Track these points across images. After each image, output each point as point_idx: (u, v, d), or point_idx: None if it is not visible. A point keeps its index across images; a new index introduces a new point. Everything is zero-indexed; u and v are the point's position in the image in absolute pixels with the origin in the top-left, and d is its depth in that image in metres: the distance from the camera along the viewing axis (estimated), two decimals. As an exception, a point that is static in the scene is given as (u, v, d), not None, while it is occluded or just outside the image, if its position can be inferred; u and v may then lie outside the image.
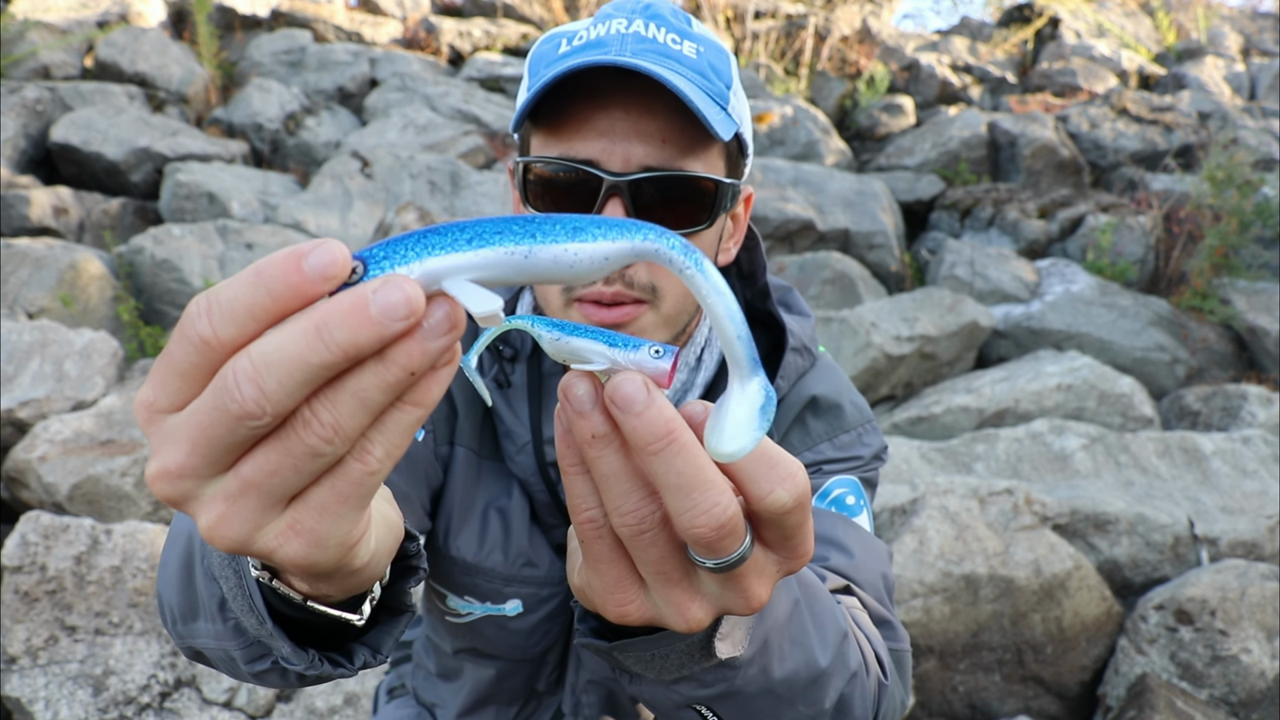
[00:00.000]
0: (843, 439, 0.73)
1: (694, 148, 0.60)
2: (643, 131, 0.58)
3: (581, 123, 0.59)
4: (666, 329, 0.64)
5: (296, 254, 0.25)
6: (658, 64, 0.57)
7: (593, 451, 0.31)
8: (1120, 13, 8.01)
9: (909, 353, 3.19)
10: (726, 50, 0.64)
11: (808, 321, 0.75)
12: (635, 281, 0.61)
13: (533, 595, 0.73)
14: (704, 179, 0.60)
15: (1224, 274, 3.90)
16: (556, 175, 0.60)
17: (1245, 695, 1.76)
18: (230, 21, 5.97)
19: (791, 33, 7.10)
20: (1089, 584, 1.92)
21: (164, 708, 1.51)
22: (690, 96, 0.56)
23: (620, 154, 0.59)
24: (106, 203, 3.93)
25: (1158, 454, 2.42)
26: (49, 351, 2.37)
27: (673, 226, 0.60)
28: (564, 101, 0.59)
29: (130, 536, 1.65)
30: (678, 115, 0.59)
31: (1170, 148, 5.31)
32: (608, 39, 0.59)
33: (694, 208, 0.61)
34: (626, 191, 0.58)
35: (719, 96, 0.61)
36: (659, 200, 0.60)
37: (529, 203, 0.63)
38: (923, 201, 4.95)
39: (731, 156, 0.65)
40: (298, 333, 0.24)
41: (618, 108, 0.58)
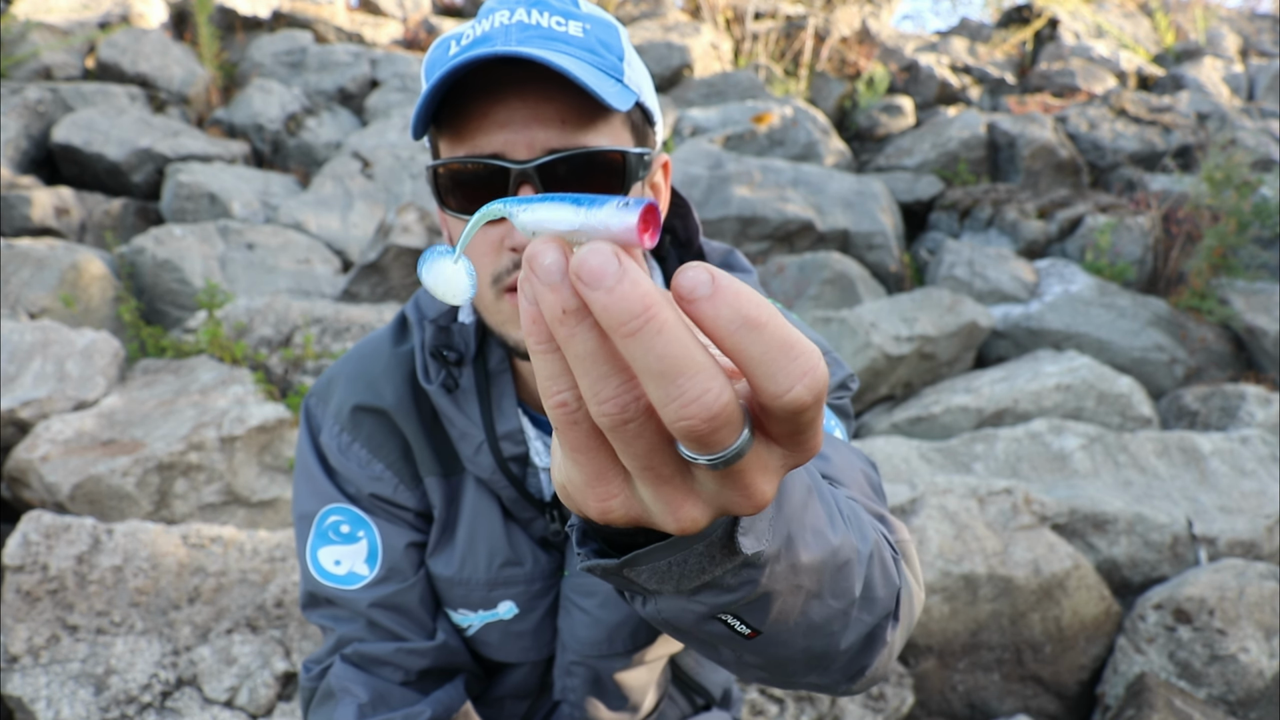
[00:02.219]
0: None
1: (594, 123, 0.60)
2: (541, 116, 0.59)
3: (481, 118, 0.60)
4: None
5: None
6: (543, 48, 0.58)
7: (563, 330, 0.27)
8: (1119, 14, 8.02)
9: (908, 353, 3.20)
10: (615, 24, 0.65)
11: (751, 277, 0.76)
12: None
13: (523, 593, 0.73)
14: (610, 152, 0.61)
15: (1222, 274, 3.91)
16: (465, 170, 0.61)
17: (1244, 694, 1.77)
18: (231, 22, 5.98)
19: (791, 33, 7.11)
20: (1088, 583, 1.92)
21: (165, 707, 1.52)
22: (578, 74, 0.56)
23: (523, 142, 0.59)
24: (108, 203, 3.93)
25: (1156, 454, 2.43)
26: (50, 351, 2.38)
27: None
28: (462, 101, 0.60)
29: (131, 536, 1.65)
30: (573, 95, 0.59)
31: (1169, 148, 5.31)
32: (492, 32, 0.60)
33: (605, 182, 0.61)
34: (535, 177, 0.59)
35: (612, 70, 0.61)
36: (569, 180, 0.60)
37: (443, 204, 0.64)
38: (922, 202, 4.96)
39: (637, 126, 0.65)
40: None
41: (514, 97, 0.59)
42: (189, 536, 1.68)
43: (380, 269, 3.19)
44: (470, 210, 0.62)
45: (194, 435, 2.06)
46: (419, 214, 3.22)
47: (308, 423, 0.79)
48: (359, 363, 0.78)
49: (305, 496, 0.77)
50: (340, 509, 0.75)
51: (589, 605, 0.73)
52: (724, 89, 5.99)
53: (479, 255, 0.63)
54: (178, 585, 1.63)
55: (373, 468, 0.75)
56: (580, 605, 0.73)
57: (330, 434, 0.76)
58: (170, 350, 2.62)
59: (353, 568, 0.74)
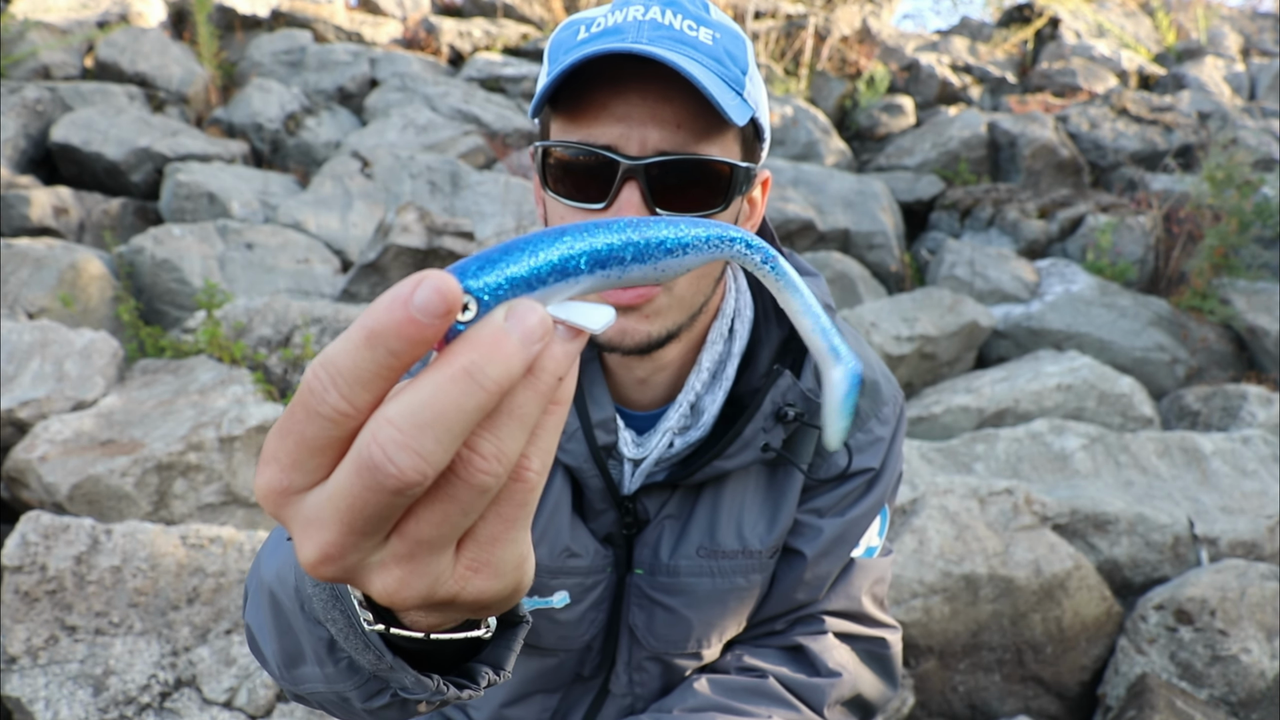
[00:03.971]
0: (885, 412, 0.77)
1: (709, 133, 0.61)
2: (659, 117, 0.60)
3: (600, 109, 0.60)
4: (680, 311, 0.66)
5: (401, 300, 0.23)
6: (674, 50, 0.58)
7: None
8: (1120, 13, 8.01)
9: (909, 353, 3.19)
10: (743, 36, 0.65)
11: (819, 280, 0.77)
12: None
13: (578, 585, 0.73)
14: (718, 163, 0.62)
15: (1224, 274, 3.90)
16: (575, 159, 0.62)
17: (1245, 695, 1.77)
18: (230, 22, 5.97)
19: (791, 33, 7.10)
20: (1089, 584, 1.92)
21: (164, 707, 1.51)
22: (704, 83, 0.57)
23: (637, 139, 0.60)
24: (107, 203, 3.93)
25: (1157, 454, 2.42)
26: (49, 351, 2.37)
27: (688, 209, 0.62)
28: (583, 88, 0.61)
29: (130, 536, 1.65)
30: (693, 101, 0.60)
31: (1170, 148, 5.31)
32: (625, 26, 0.60)
33: (709, 191, 0.62)
34: (642, 175, 0.60)
35: (734, 82, 0.62)
36: (674, 184, 0.61)
37: (548, 186, 0.64)
38: (922, 201, 4.95)
39: (747, 141, 0.66)
40: (446, 383, 0.23)
41: (634, 94, 0.60)
42: (188, 537, 1.68)
43: (380, 269, 3.18)
44: (573, 196, 0.62)
45: (193, 435, 2.05)
46: (418, 214, 3.22)
47: None
48: None
49: None
50: None
51: (675, 604, 0.74)
52: (724, 88, 5.97)
53: None
54: (177, 586, 1.62)
55: None
56: (664, 603, 0.74)
57: None
58: (169, 350, 2.62)
59: None
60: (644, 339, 0.65)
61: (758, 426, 0.69)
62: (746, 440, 0.69)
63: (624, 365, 0.71)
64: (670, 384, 0.73)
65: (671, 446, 0.72)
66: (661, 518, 0.73)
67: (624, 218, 0.29)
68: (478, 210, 4.08)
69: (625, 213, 0.60)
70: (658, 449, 0.71)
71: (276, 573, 0.47)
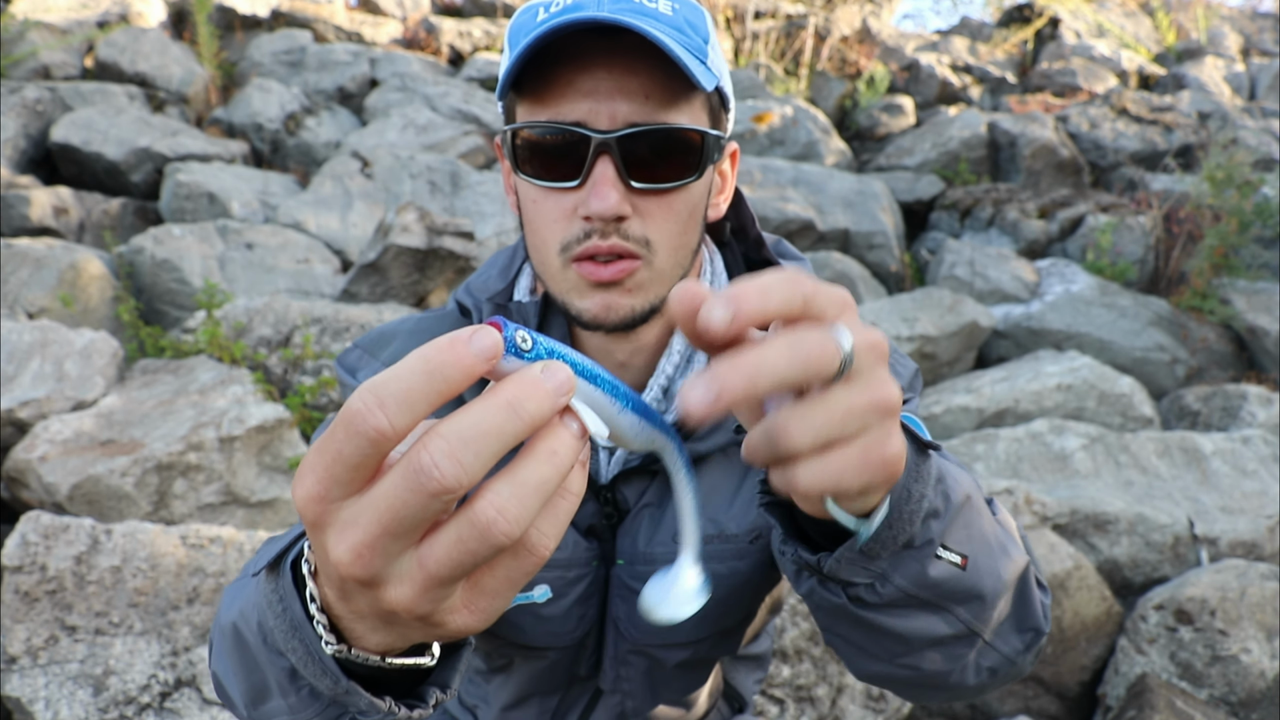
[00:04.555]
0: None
1: (677, 101, 0.61)
2: (626, 89, 0.59)
3: (566, 85, 0.60)
4: (661, 283, 0.65)
5: (461, 340, 0.28)
6: (636, 20, 0.58)
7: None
8: (1120, 13, 8.01)
9: (909, 353, 3.19)
10: (701, 7, 0.65)
11: (805, 264, 0.76)
12: (630, 234, 0.62)
13: (559, 578, 0.72)
14: (690, 130, 0.61)
15: (1224, 274, 3.90)
16: (544, 139, 0.61)
17: (1245, 695, 1.77)
18: (230, 22, 5.97)
19: (791, 33, 7.10)
20: (1089, 584, 1.92)
21: (164, 707, 1.51)
22: (670, 47, 0.56)
23: (606, 112, 0.59)
24: (107, 203, 3.93)
25: (1157, 454, 2.42)
26: (49, 351, 2.37)
27: (662, 179, 0.61)
28: (547, 66, 0.60)
29: (130, 536, 1.65)
30: (659, 70, 0.59)
31: (1170, 148, 5.31)
32: (583, 1, 0.60)
33: (682, 161, 0.62)
34: (615, 148, 0.59)
35: (697, 51, 0.61)
36: (647, 155, 0.60)
37: (519, 169, 0.63)
38: (922, 201, 4.95)
39: (714, 110, 0.65)
40: (492, 410, 0.28)
41: (600, 67, 0.59)
42: (188, 537, 1.68)
43: (380, 269, 3.18)
44: (545, 176, 0.61)
45: (193, 435, 2.05)
46: (418, 214, 3.22)
47: (348, 370, 0.76)
48: (422, 322, 0.76)
49: None
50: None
51: None
52: (724, 88, 5.97)
53: (549, 221, 0.63)
54: (177, 586, 1.62)
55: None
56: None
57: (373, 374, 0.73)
58: (169, 350, 2.62)
59: None
60: (628, 313, 0.64)
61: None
62: (717, 421, 0.68)
63: (603, 350, 0.70)
64: (647, 367, 0.72)
65: None
66: (641, 506, 0.72)
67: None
68: (478, 210, 4.08)
69: (600, 188, 0.59)
70: None
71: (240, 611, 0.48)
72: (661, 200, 0.62)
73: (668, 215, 0.62)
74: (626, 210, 0.60)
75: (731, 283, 0.34)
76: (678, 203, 0.63)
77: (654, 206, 0.62)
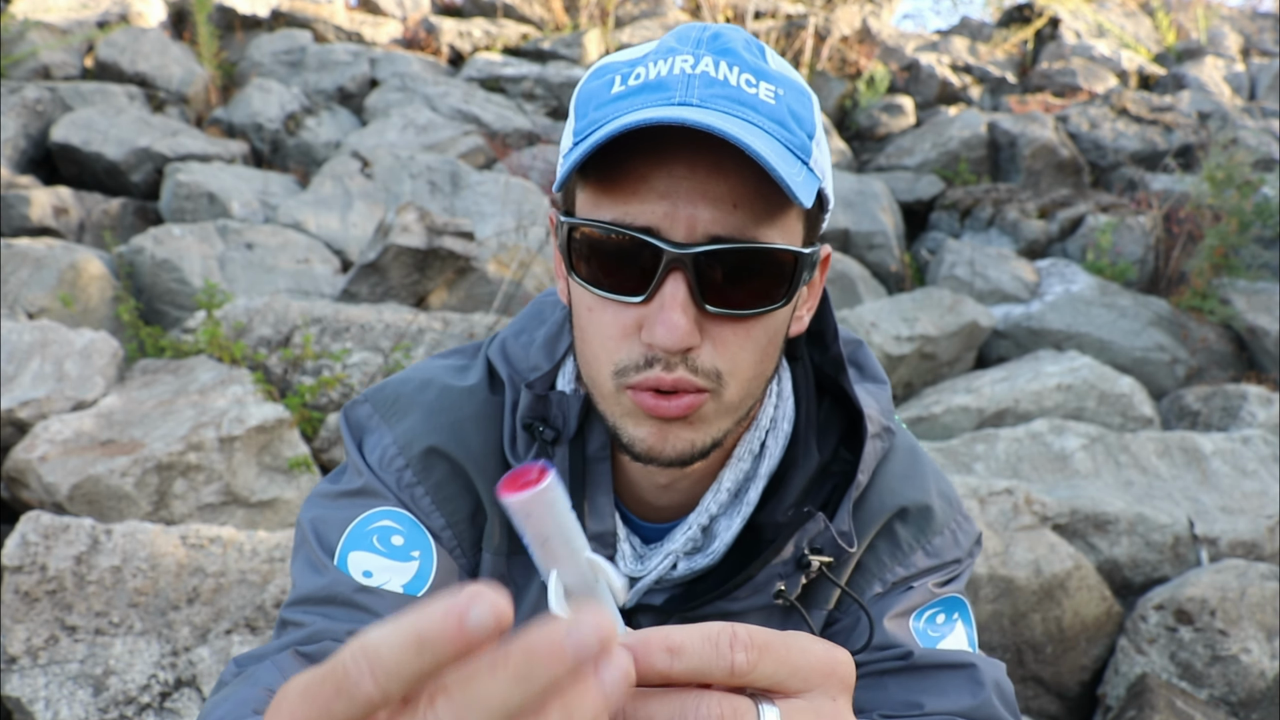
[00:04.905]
0: (936, 543, 0.65)
1: (770, 213, 0.51)
2: (710, 194, 0.50)
3: (639, 181, 0.50)
4: (728, 417, 0.56)
5: (456, 613, 0.25)
6: (730, 113, 0.50)
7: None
8: (1120, 13, 8.01)
9: (909, 353, 3.19)
10: (808, 91, 0.55)
11: (884, 390, 0.67)
12: (700, 366, 0.52)
13: None
14: (782, 251, 0.52)
15: (1224, 274, 3.90)
16: (608, 240, 0.52)
17: (1245, 695, 1.77)
18: (230, 21, 5.98)
19: (791, 33, 7.10)
20: (1089, 584, 1.92)
21: (164, 708, 1.51)
22: (770, 159, 0.47)
23: (684, 220, 0.50)
24: (107, 203, 3.93)
25: (1157, 454, 2.42)
26: (49, 351, 2.38)
27: (744, 304, 0.52)
28: (619, 154, 0.50)
29: (130, 536, 1.65)
30: (751, 174, 0.50)
31: (1170, 148, 5.31)
32: (670, 80, 0.51)
33: (769, 283, 0.52)
34: (690, 266, 0.50)
35: (800, 150, 0.52)
36: (728, 275, 0.51)
37: (573, 269, 0.54)
38: (922, 201, 4.95)
39: (811, 218, 0.56)
40: (503, 681, 0.25)
41: (682, 165, 0.50)
42: (188, 537, 1.68)
43: (379, 269, 3.19)
44: (603, 285, 0.52)
45: (193, 435, 2.05)
46: (418, 214, 3.22)
47: (352, 431, 0.66)
48: (445, 396, 0.65)
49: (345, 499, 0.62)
50: (399, 515, 0.61)
51: None
52: (724, 88, 5.98)
53: (604, 337, 0.54)
54: (177, 586, 1.62)
55: (434, 520, 0.62)
56: None
57: (383, 455, 0.63)
58: (169, 350, 2.62)
59: (386, 584, 0.59)
60: (688, 449, 0.55)
61: (774, 572, 0.60)
62: (758, 584, 0.61)
63: (645, 471, 0.62)
64: (690, 495, 0.63)
65: (675, 569, 0.63)
66: None
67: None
68: (478, 210, 4.08)
69: (669, 309, 0.50)
70: (658, 569, 0.62)
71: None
72: (738, 327, 0.53)
73: (744, 344, 0.53)
74: (696, 340, 0.51)
75: (652, 632, 0.30)
76: (757, 330, 0.54)
77: (729, 334, 0.53)
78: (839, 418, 0.66)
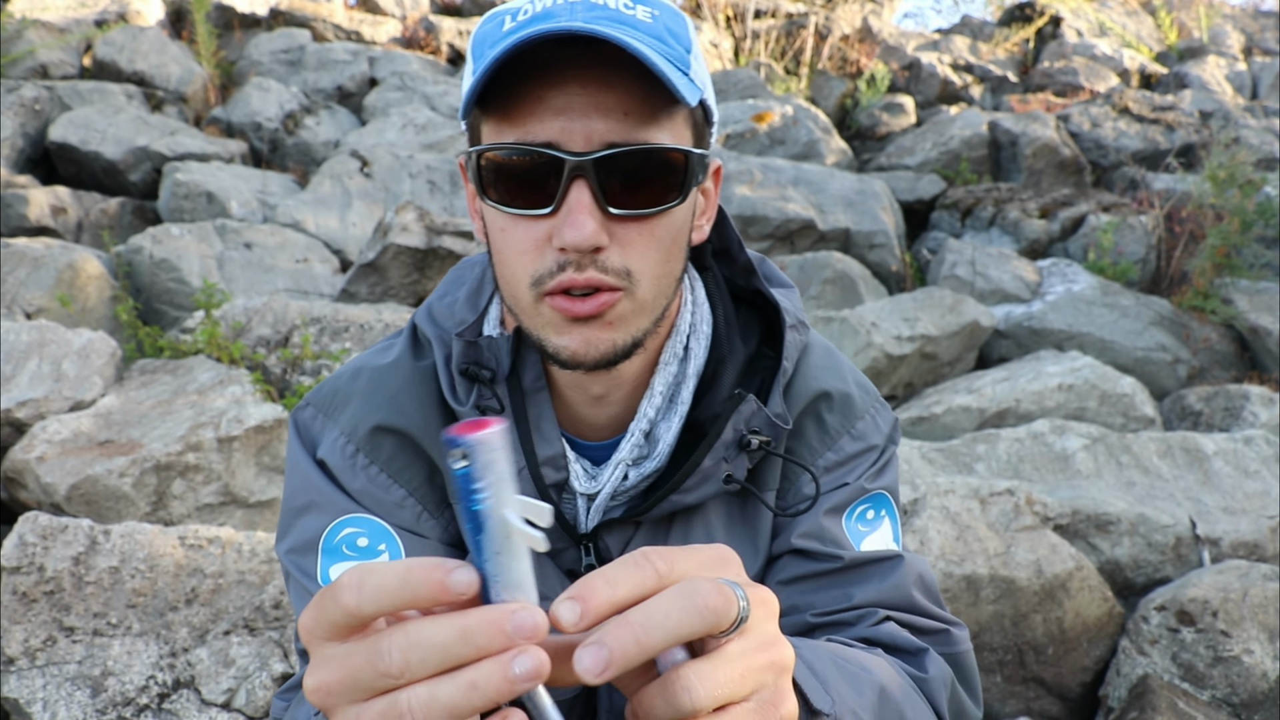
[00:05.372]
0: (859, 427, 0.71)
1: (658, 118, 0.56)
2: (602, 105, 0.54)
3: (536, 102, 0.54)
4: (644, 315, 0.60)
5: (443, 570, 0.32)
6: (613, 29, 0.53)
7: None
8: (1122, 11, 8.00)
9: (909, 353, 3.19)
10: (683, 14, 0.60)
11: (793, 292, 0.72)
12: (609, 265, 0.56)
13: None
14: (673, 150, 0.56)
15: (1226, 274, 3.89)
16: (513, 161, 0.56)
17: (1247, 696, 1.76)
18: (229, 20, 5.97)
19: (792, 32, 7.09)
20: (1090, 584, 1.91)
21: (163, 709, 1.51)
22: (651, 58, 0.52)
23: (581, 132, 0.54)
24: (105, 202, 3.92)
25: (1159, 454, 2.42)
26: (47, 351, 2.37)
27: (644, 204, 0.57)
28: (515, 81, 0.55)
29: (129, 537, 1.64)
30: (638, 84, 0.54)
31: (1172, 147, 5.30)
32: (554, 9, 0.55)
33: (664, 183, 0.57)
34: (591, 172, 0.54)
35: (680, 61, 0.57)
36: (626, 177, 0.55)
37: (484, 194, 0.58)
38: (923, 201, 4.94)
39: (698, 126, 0.60)
40: (450, 629, 0.32)
41: (573, 82, 0.54)
42: (186, 537, 1.67)
43: (379, 268, 3.18)
44: (513, 203, 0.56)
45: (191, 436, 2.05)
46: (418, 213, 3.21)
47: (301, 436, 0.70)
48: (374, 377, 0.69)
49: (305, 520, 0.67)
50: (357, 519, 0.66)
51: None
52: (724, 87, 5.97)
53: (518, 252, 0.58)
54: (175, 586, 1.62)
55: (393, 493, 0.67)
56: None
57: (335, 448, 0.68)
58: (168, 350, 2.61)
59: None
60: (609, 349, 0.59)
61: (718, 456, 0.63)
62: (706, 472, 0.64)
63: (578, 385, 0.65)
64: (626, 405, 0.67)
65: (626, 479, 0.66)
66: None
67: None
68: (477, 209, 4.08)
69: (575, 216, 0.54)
70: (611, 483, 0.66)
71: None
72: (642, 227, 0.57)
73: (649, 243, 0.58)
74: (604, 240, 0.55)
75: (583, 579, 0.35)
76: (660, 229, 0.58)
77: (634, 234, 0.57)
78: (757, 320, 0.71)
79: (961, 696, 0.66)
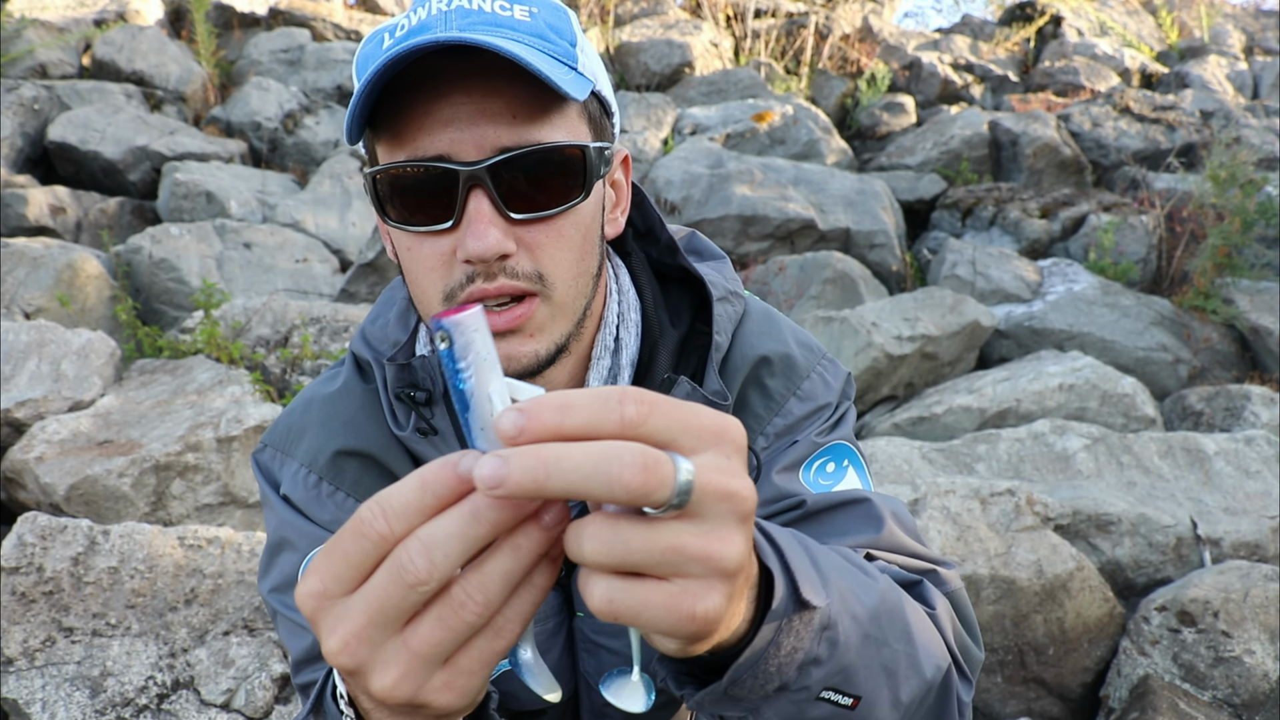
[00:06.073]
0: (806, 387, 0.69)
1: (549, 116, 0.55)
2: (489, 111, 0.54)
3: (423, 116, 0.54)
4: (564, 319, 0.59)
5: (450, 465, 0.33)
6: (489, 35, 0.53)
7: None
8: (1122, 11, 7.99)
9: (910, 353, 3.18)
10: (563, 7, 0.60)
11: (724, 264, 0.71)
12: (519, 270, 0.56)
13: (541, 631, 0.69)
14: (567, 147, 0.55)
15: (1227, 274, 3.89)
16: (406, 177, 0.55)
17: (1248, 697, 1.76)
18: (228, 20, 5.96)
19: (792, 31, 7.09)
20: (1091, 585, 1.91)
21: (162, 709, 1.50)
22: (530, 60, 0.51)
23: (471, 141, 0.54)
24: (104, 202, 3.92)
25: (1160, 454, 2.41)
26: (46, 351, 2.37)
27: (546, 204, 0.56)
28: (400, 99, 0.54)
29: (128, 537, 1.64)
30: (523, 85, 0.54)
31: (1173, 147, 5.29)
32: (430, 20, 0.54)
33: (564, 181, 0.56)
34: (486, 179, 0.54)
35: (565, 56, 0.56)
36: (525, 181, 0.55)
37: (385, 216, 0.57)
38: (924, 201, 4.94)
39: (594, 118, 0.60)
40: (458, 517, 0.32)
41: (458, 92, 0.54)
42: (186, 538, 1.67)
43: (378, 268, 3.17)
44: (414, 221, 0.56)
45: (191, 436, 2.04)
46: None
47: (265, 477, 0.71)
48: (326, 405, 0.69)
49: (282, 557, 0.67)
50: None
51: (618, 645, 0.69)
52: (724, 87, 5.97)
53: (426, 270, 0.57)
54: (174, 587, 1.61)
55: None
56: (607, 645, 0.69)
57: (296, 481, 0.68)
58: (167, 350, 2.61)
59: None
60: (532, 360, 0.58)
61: None
62: None
63: None
64: None
65: None
66: None
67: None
68: (477, 209, 4.08)
69: (476, 226, 0.53)
70: None
71: None
72: (549, 228, 0.56)
73: (558, 243, 0.57)
74: (509, 246, 0.55)
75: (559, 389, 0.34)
76: (567, 227, 0.57)
77: (541, 236, 0.56)
78: (688, 296, 0.70)
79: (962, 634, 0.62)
